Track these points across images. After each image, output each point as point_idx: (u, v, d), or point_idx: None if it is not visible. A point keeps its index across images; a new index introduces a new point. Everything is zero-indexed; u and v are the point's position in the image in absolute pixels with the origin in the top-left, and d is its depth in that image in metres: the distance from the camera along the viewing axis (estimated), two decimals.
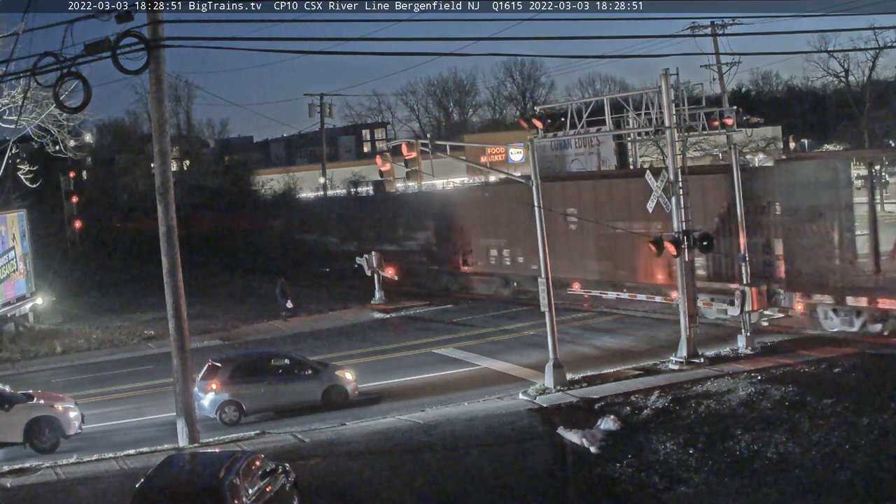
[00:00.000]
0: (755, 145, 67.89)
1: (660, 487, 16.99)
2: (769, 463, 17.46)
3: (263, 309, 40.96)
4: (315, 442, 20.87)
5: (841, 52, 77.42)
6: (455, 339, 32.70)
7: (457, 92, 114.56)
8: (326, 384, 24.77)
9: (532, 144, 25.90)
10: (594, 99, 29.32)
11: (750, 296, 25.99)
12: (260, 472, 15.53)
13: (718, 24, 57.46)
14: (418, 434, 20.89)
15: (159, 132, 21.25)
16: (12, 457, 21.79)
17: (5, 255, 38.47)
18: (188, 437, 21.13)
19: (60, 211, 63.58)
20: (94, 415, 24.48)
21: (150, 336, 36.75)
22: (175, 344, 21.33)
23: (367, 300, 40.82)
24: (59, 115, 31.49)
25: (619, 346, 29.39)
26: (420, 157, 27.45)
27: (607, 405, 21.75)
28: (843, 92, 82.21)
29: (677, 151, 25.54)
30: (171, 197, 21.27)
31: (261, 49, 44.67)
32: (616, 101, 28.82)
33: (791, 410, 19.86)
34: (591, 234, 34.81)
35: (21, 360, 34.12)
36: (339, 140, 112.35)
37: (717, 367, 24.48)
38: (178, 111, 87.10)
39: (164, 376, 25.34)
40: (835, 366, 23.17)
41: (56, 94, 19.73)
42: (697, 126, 26.82)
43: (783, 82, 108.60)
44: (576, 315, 34.41)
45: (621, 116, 28.50)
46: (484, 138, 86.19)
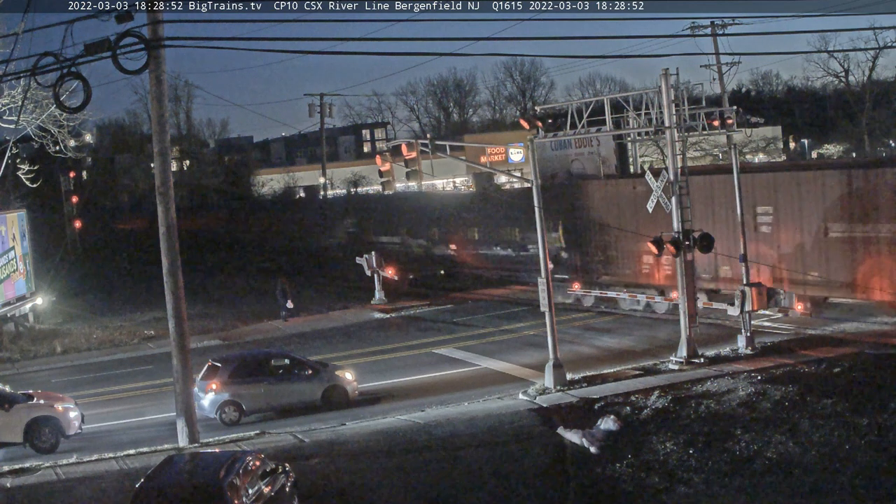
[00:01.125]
0: (755, 145, 68.05)
1: (660, 487, 16.98)
2: (769, 463, 17.46)
3: (264, 309, 40.97)
4: (315, 442, 20.87)
5: (841, 52, 77.65)
6: (455, 339, 32.70)
7: (457, 92, 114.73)
8: (326, 384, 24.77)
9: (532, 144, 25.90)
10: (594, 99, 29.29)
11: (750, 296, 25.98)
12: (260, 472, 15.53)
13: (718, 24, 57.56)
14: (418, 434, 20.88)
15: (159, 132, 21.26)
16: (12, 457, 21.81)
17: (5, 255, 38.47)
18: (188, 437, 21.12)
19: (60, 211, 63.67)
20: (94, 415, 24.49)
21: (150, 336, 36.76)
22: (175, 344, 21.33)
23: (367, 300, 40.84)
24: (59, 115, 31.53)
25: (619, 346, 29.39)
26: (420, 157, 27.52)
27: (607, 405, 21.74)
28: (843, 92, 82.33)
29: (677, 151, 25.54)
30: (171, 197, 21.27)
31: (261, 49, 44.87)
32: (616, 101, 28.83)
33: (791, 410, 19.85)
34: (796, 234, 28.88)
35: (21, 360, 34.14)
36: (339, 140, 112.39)
37: (717, 367, 24.47)
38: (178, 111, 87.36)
39: (164, 376, 25.36)
40: (835, 366, 23.16)
41: (56, 94, 19.73)
42: (697, 126, 26.83)
43: (783, 82, 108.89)
44: (576, 315, 34.41)
45: (621, 116, 28.52)
46: (484, 138, 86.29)
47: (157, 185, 21.37)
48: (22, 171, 37.91)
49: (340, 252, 56.62)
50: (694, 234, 25.01)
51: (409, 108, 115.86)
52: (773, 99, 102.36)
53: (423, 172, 28.34)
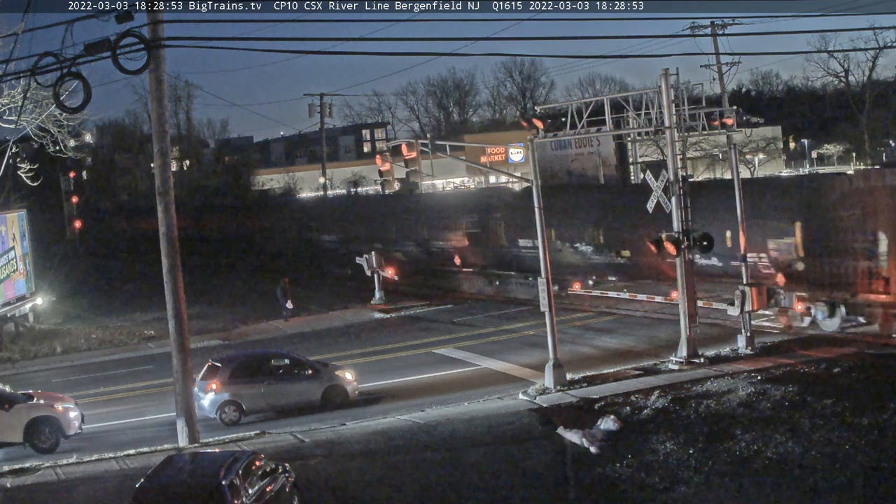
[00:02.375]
0: (755, 145, 67.98)
1: (660, 487, 16.97)
2: (769, 463, 17.46)
3: (264, 309, 40.97)
4: (315, 442, 20.87)
5: (841, 52, 77.67)
6: (455, 339, 32.70)
7: (457, 92, 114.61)
8: (326, 384, 24.77)
9: (532, 144, 25.91)
10: (594, 99, 29.38)
11: (750, 296, 25.98)
12: (260, 472, 15.53)
13: (718, 24, 57.64)
14: (418, 434, 20.89)
15: (159, 132, 21.26)
16: (12, 457, 21.80)
17: (5, 255, 38.47)
18: (188, 437, 21.13)
19: (60, 211, 63.67)
20: (94, 415, 24.49)
21: (150, 336, 36.75)
22: (175, 344, 21.33)
23: (367, 300, 40.82)
24: (59, 115, 31.51)
25: (619, 346, 29.38)
26: (420, 157, 27.53)
27: (607, 405, 21.74)
28: (843, 92, 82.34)
29: (677, 151, 25.55)
30: (171, 197, 21.28)
31: (261, 49, 44.73)
32: (616, 101, 28.88)
33: (791, 410, 19.85)
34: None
35: (21, 360, 34.13)
36: (339, 140, 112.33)
37: (717, 367, 24.48)
38: (178, 111, 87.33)
39: (164, 376, 25.35)
40: (835, 366, 23.16)
41: (56, 94, 19.76)
42: (697, 126, 26.88)
43: (783, 82, 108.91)
44: (576, 315, 34.39)
45: (621, 116, 28.58)
46: (484, 138, 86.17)
47: (157, 186, 21.37)
48: (22, 171, 37.90)
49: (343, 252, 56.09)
50: (693, 234, 25.00)
51: (409, 108, 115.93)
52: (773, 99, 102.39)
53: (423, 172, 28.33)
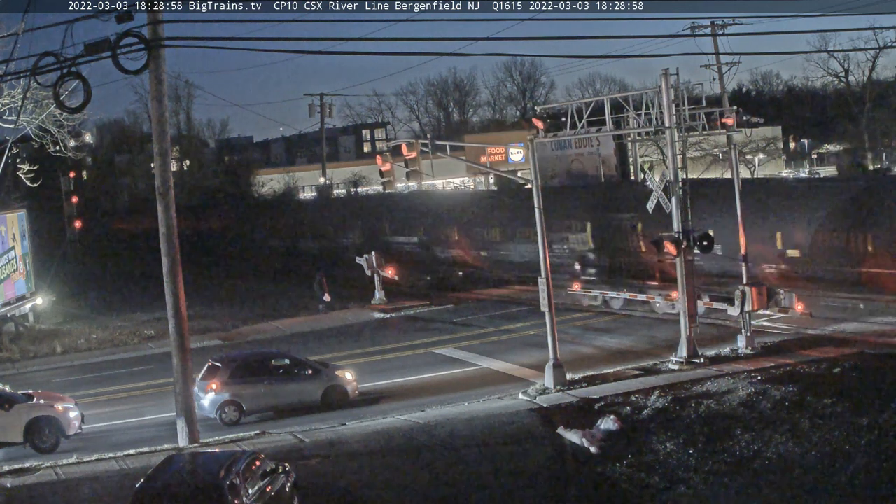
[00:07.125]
0: (755, 145, 67.89)
1: (660, 487, 16.99)
2: (769, 463, 17.47)
3: (264, 309, 40.98)
4: (315, 442, 20.87)
5: (841, 52, 77.58)
6: (455, 339, 32.69)
7: (457, 92, 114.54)
8: (326, 384, 24.76)
9: (532, 144, 25.89)
10: (594, 99, 29.29)
11: (750, 296, 25.98)
12: (260, 472, 15.54)
13: (718, 24, 57.55)
14: (418, 434, 20.88)
15: (159, 132, 21.26)
16: (12, 457, 21.80)
17: (5, 255, 38.46)
18: (188, 437, 21.12)
19: (60, 211, 63.53)
20: (94, 415, 24.48)
21: (150, 336, 36.69)
22: (175, 344, 21.33)
23: (367, 300, 40.81)
24: (59, 115, 31.46)
25: (619, 346, 29.37)
26: (420, 157, 27.46)
27: (607, 405, 21.74)
28: (843, 92, 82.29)
29: (677, 151, 25.54)
30: (171, 197, 21.27)
31: (261, 49, 44.88)
32: (616, 101, 28.80)
33: (791, 410, 19.86)
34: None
35: (21, 360, 34.11)
36: (339, 140, 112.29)
37: (717, 367, 24.47)
38: (178, 111, 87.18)
39: (164, 376, 25.33)
40: (835, 366, 23.16)
41: (56, 94, 19.76)
42: (697, 126, 26.81)
43: (783, 82, 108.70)
44: (576, 315, 34.38)
45: (621, 116, 28.49)
46: (484, 138, 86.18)
47: (157, 186, 21.37)
48: (22, 171, 37.88)
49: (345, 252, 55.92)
50: (693, 234, 24.99)
51: (409, 108, 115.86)
52: (773, 99, 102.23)
53: (423, 172, 28.27)
